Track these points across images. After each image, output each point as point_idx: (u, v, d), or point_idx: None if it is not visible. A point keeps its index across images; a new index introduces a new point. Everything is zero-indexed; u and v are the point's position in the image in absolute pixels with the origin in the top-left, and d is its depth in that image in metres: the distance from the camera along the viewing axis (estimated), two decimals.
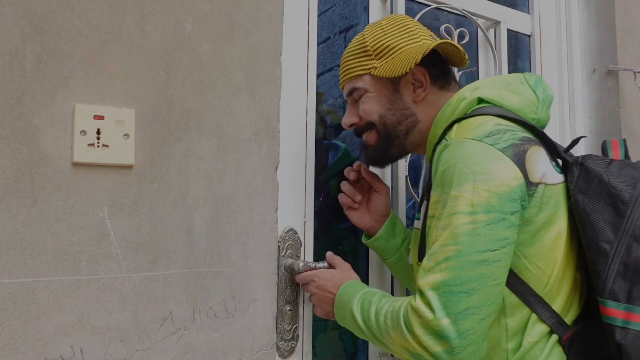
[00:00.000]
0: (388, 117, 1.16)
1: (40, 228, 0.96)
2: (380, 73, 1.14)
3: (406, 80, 1.15)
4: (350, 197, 1.30)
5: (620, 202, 0.97)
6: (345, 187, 1.31)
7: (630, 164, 1.03)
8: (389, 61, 1.14)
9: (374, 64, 1.15)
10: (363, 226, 1.31)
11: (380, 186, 1.31)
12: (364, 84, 1.17)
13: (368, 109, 1.17)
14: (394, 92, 1.16)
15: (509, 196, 0.93)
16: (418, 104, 1.15)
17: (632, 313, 0.94)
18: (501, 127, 1.00)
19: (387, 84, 1.16)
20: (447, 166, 0.96)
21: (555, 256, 1.00)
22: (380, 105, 1.16)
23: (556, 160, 1.05)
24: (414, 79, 1.15)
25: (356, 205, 1.31)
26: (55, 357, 0.96)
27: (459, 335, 0.89)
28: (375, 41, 1.16)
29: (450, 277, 0.91)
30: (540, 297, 1.00)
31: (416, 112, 1.15)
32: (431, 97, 1.15)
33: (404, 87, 1.15)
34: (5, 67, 0.95)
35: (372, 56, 1.16)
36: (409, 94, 1.15)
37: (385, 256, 1.32)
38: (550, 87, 1.14)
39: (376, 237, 1.29)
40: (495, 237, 0.92)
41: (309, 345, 1.27)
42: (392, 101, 1.15)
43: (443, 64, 1.19)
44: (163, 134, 1.09)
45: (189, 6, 1.13)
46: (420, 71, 1.14)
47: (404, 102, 1.15)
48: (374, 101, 1.16)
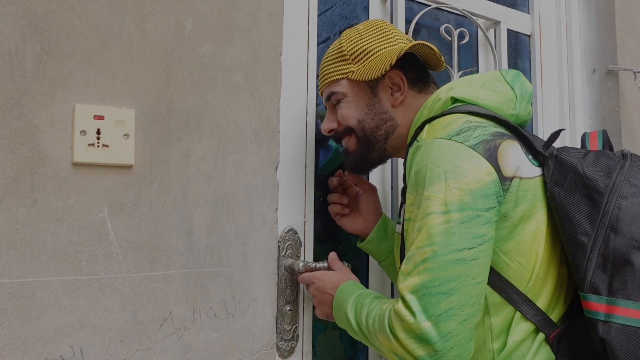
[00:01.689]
0: (367, 122, 1.15)
1: (40, 228, 0.96)
2: (357, 77, 1.13)
3: (384, 84, 1.14)
4: (339, 202, 1.30)
5: (596, 193, 0.96)
6: (334, 197, 1.31)
7: (606, 154, 1.01)
8: (365, 64, 1.13)
9: (351, 68, 1.15)
10: (356, 230, 1.31)
11: (366, 186, 1.31)
12: (342, 88, 1.16)
13: (346, 113, 1.16)
14: (372, 96, 1.15)
15: (482, 192, 0.92)
16: (396, 107, 1.15)
17: (614, 306, 0.91)
18: (471, 124, 0.99)
19: (365, 88, 1.15)
20: (419, 167, 0.96)
21: (536, 251, 0.99)
22: (358, 109, 1.16)
23: (533, 154, 1.04)
24: (391, 83, 1.14)
25: (346, 211, 1.31)
26: (55, 357, 0.96)
27: (441, 338, 0.88)
28: (351, 45, 1.16)
29: (428, 279, 0.90)
30: (523, 295, 0.99)
31: (395, 116, 1.15)
32: (410, 100, 1.15)
33: (382, 91, 1.15)
34: (5, 67, 0.95)
35: (349, 60, 1.15)
36: (387, 98, 1.15)
37: (379, 259, 1.31)
38: (529, 82, 1.14)
39: (368, 240, 1.29)
40: (471, 234, 0.91)
41: (309, 345, 1.27)
42: (370, 105, 1.15)
43: (421, 68, 1.18)
44: (163, 134, 1.09)
45: (189, 6, 1.13)
46: (398, 75, 1.14)
47: (382, 106, 1.15)
48: (352, 106, 1.16)
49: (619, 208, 0.94)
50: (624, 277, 0.92)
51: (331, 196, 1.32)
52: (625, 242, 0.93)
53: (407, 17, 1.50)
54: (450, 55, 1.60)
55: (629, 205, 0.94)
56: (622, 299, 0.91)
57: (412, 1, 1.54)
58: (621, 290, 0.91)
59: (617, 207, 0.94)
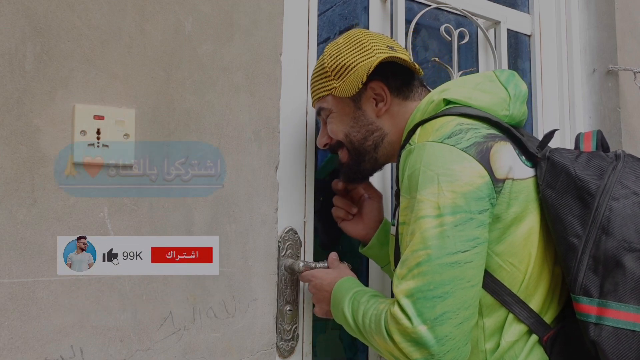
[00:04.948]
0: (353, 135, 1.16)
1: (40, 228, 0.96)
2: (339, 93, 1.14)
3: (367, 96, 1.14)
4: (346, 209, 1.29)
5: (587, 194, 0.95)
6: (339, 201, 1.30)
7: (599, 155, 1.01)
8: (345, 81, 1.13)
9: (333, 84, 1.15)
10: (357, 235, 1.30)
11: (372, 192, 1.30)
12: (328, 104, 1.17)
13: (334, 129, 1.18)
14: (356, 109, 1.15)
15: (474, 195, 0.92)
16: (382, 117, 1.15)
17: (605, 308, 0.91)
18: (463, 126, 0.99)
19: (349, 102, 1.15)
20: (412, 171, 0.96)
21: (529, 252, 0.98)
22: (344, 124, 1.16)
23: (526, 155, 1.03)
24: (374, 94, 1.14)
25: (350, 217, 1.30)
26: (55, 357, 0.96)
27: (437, 342, 0.88)
28: (332, 61, 1.16)
29: (423, 282, 0.89)
30: (516, 297, 0.98)
31: (382, 126, 1.15)
32: (395, 108, 1.15)
33: (365, 104, 1.15)
34: (5, 67, 0.95)
35: (332, 77, 1.15)
36: (372, 109, 1.15)
37: (381, 263, 1.31)
38: (524, 82, 1.13)
39: (369, 245, 1.28)
40: (465, 237, 0.91)
41: (309, 345, 1.27)
42: (355, 119, 1.15)
43: (405, 74, 1.16)
44: (163, 134, 1.09)
45: (189, 6, 1.13)
46: (379, 85, 1.13)
47: (367, 117, 1.15)
48: (338, 121, 1.17)
49: (610, 210, 0.94)
50: (615, 279, 0.91)
51: (338, 200, 1.31)
52: (616, 244, 0.92)
53: (407, 17, 1.50)
54: (450, 55, 1.60)
55: (620, 207, 0.94)
56: (613, 301, 0.91)
57: (412, 1, 1.54)
58: (612, 293, 0.91)
59: (609, 208, 0.94)
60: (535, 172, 1.02)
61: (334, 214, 1.31)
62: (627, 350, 0.89)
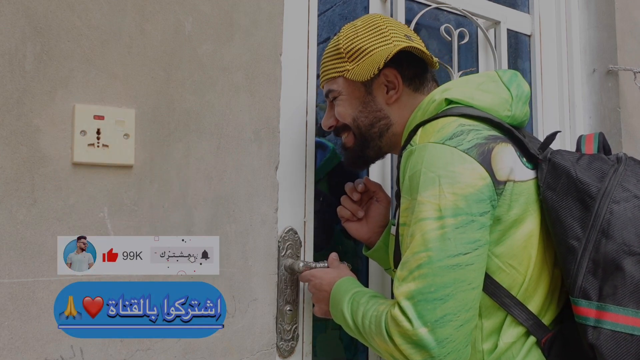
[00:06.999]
0: (361, 120, 1.15)
1: (40, 228, 0.96)
2: (351, 76, 1.13)
3: (379, 82, 1.14)
4: (352, 212, 1.28)
5: (588, 197, 0.95)
6: (347, 202, 1.29)
7: (601, 158, 1.00)
8: (360, 64, 1.13)
9: (346, 66, 1.14)
10: (361, 238, 1.30)
11: (382, 195, 1.29)
12: (338, 86, 1.16)
13: (342, 111, 1.17)
14: (367, 94, 1.15)
15: (476, 197, 0.92)
16: (391, 105, 1.14)
17: (604, 312, 0.90)
18: (464, 127, 0.98)
19: (360, 86, 1.15)
20: (413, 172, 0.95)
21: (529, 254, 0.98)
22: (353, 107, 1.16)
23: (527, 157, 1.02)
24: (387, 81, 1.13)
25: (355, 219, 1.29)
26: (55, 357, 0.96)
27: (438, 344, 0.87)
28: (348, 43, 1.15)
29: (423, 285, 0.89)
30: (515, 299, 0.98)
31: (389, 114, 1.14)
32: (405, 99, 1.14)
33: (376, 89, 1.14)
34: (5, 67, 0.95)
35: (345, 59, 1.15)
36: (382, 96, 1.14)
37: (386, 266, 1.30)
38: (526, 83, 1.12)
39: (375, 248, 1.27)
40: (466, 240, 0.90)
41: (309, 345, 1.27)
42: (364, 103, 1.15)
43: (419, 65, 1.16)
44: (163, 134, 1.09)
45: (189, 6, 1.13)
46: (393, 73, 1.13)
47: (376, 104, 1.14)
48: (347, 104, 1.16)
49: (611, 213, 0.93)
50: (614, 282, 0.91)
51: (346, 201, 1.30)
52: (616, 247, 0.92)
53: (407, 17, 1.50)
54: (450, 55, 1.60)
55: (621, 210, 0.93)
56: (612, 304, 0.90)
57: (412, 1, 1.54)
58: (611, 296, 0.90)
59: (609, 211, 0.93)
60: (536, 173, 1.01)
61: (339, 213, 1.30)
62: (625, 354, 0.88)
